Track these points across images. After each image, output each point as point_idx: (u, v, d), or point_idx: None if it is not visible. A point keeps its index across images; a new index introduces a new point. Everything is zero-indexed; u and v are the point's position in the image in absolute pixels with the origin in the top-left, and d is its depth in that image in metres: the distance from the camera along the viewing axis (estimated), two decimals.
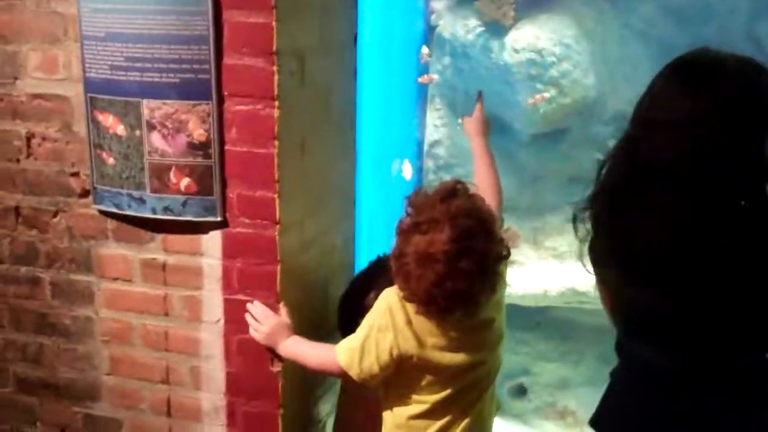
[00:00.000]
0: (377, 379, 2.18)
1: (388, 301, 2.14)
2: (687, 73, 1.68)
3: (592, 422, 1.98)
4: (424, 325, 2.11)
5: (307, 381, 2.52)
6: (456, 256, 1.96)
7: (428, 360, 2.13)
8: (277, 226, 2.27)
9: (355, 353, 2.17)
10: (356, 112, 2.85)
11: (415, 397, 2.19)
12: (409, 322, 2.11)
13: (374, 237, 4.21)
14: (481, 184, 2.54)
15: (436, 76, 5.37)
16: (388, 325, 2.13)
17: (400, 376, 2.17)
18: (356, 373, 2.17)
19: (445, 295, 1.99)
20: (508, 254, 2.09)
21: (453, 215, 1.98)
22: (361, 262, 2.73)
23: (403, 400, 2.21)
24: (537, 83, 5.30)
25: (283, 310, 2.34)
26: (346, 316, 2.46)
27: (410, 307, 2.09)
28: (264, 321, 2.32)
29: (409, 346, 2.12)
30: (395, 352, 2.12)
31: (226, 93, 2.22)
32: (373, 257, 2.58)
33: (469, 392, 2.19)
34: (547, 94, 5.11)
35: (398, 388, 2.20)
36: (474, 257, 1.97)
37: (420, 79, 5.33)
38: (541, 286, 5.70)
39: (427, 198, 2.04)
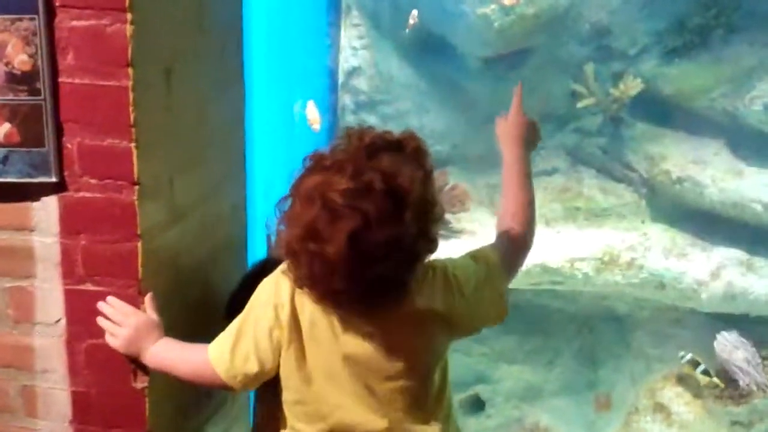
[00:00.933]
0: (257, 379, 2.16)
1: (281, 270, 2.15)
2: None
3: None
4: (305, 305, 2.11)
5: (186, 399, 2.51)
6: (337, 210, 1.95)
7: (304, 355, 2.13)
8: (136, 187, 2.24)
9: (225, 342, 2.16)
10: (243, 30, 2.82)
11: (291, 421, 2.19)
12: (293, 298, 2.12)
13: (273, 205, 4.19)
14: (508, 212, 2.44)
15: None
16: (270, 298, 2.13)
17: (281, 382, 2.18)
18: (225, 370, 2.15)
19: (306, 255, 1.99)
20: (430, 251, 2.05)
21: (365, 168, 1.97)
22: (257, 239, 2.72)
23: (282, 423, 2.22)
24: None
25: (148, 304, 2.31)
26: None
27: None
28: (123, 321, 2.29)
29: (287, 323, 2.11)
30: (275, 334, 2.13)
31: (58, 3, 2.17)
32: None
33: None
34: None
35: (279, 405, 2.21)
36: (357, 227, 1.95)
37: None
38: None
39: (358, 140, 2.03)
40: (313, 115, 5.17)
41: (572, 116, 6.35)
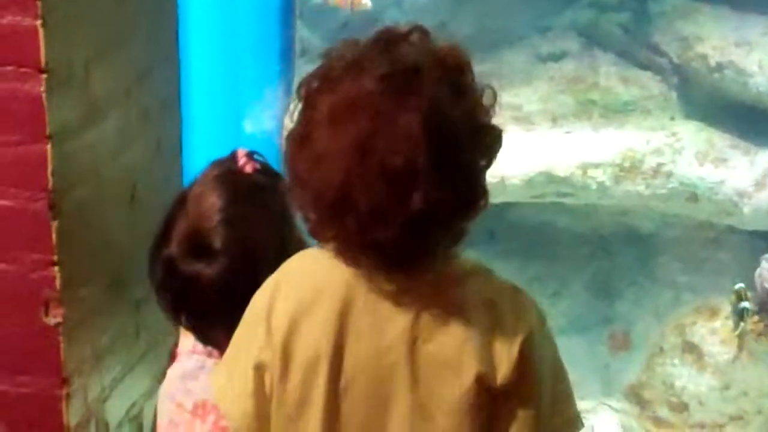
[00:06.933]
0: (257, 420, 1.96)
1: (288, 266, 2.01)
2: None
3: None
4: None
5: (109, 338, 2.56)
6: (394, 98, 1.84)
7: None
8: (44, 76, 2.23)
9: (221, 372, 2.03)
10: None
11: None
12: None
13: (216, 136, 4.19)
14: None
15: None
16: (260, 313, 1.95)
17: None
18: (227, 410, 2.01)
19: (367, 188, 1.83)
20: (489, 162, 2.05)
21: (395, 59, 1.87)
22: (194, 141, 2.74)
23: None
24: None
25: None
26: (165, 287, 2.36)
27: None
28: None
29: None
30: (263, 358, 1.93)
31: None
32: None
33: None
34: None
35: None
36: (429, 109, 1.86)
37: None
38: (496, 170, 5.79)
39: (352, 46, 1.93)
40: None
41: None
